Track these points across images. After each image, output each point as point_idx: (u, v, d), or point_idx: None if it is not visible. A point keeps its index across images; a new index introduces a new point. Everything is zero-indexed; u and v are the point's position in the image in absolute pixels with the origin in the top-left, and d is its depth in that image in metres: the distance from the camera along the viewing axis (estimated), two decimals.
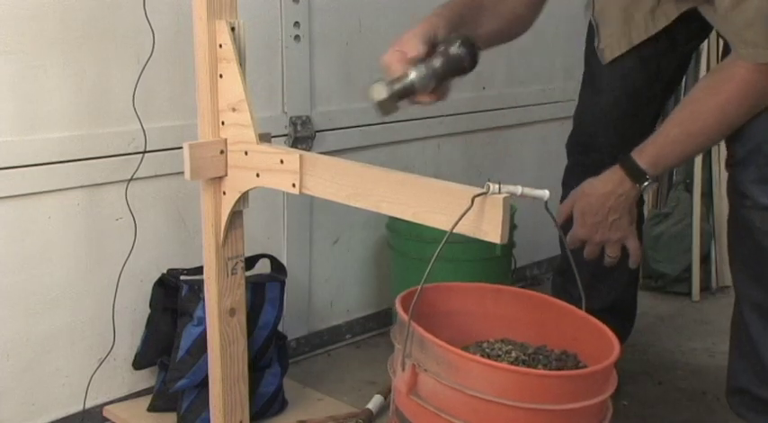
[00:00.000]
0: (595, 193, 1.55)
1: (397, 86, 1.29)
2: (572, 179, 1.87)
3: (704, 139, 1.51)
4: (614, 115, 1.79)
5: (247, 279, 1.58)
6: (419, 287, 1.23)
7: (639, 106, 1.80)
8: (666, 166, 1.56)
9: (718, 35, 1.64)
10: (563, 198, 1.83)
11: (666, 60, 1.75)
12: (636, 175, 1.52)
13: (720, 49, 2.54)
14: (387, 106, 1.31)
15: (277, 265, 1.85)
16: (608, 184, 1.54)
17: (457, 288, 1.48)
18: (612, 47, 1.72)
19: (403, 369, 1.24)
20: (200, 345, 1.63)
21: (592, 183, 1.57)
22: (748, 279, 1.53)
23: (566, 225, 1.63)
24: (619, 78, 1.75)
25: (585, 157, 1.84)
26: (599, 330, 1.34)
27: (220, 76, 1.41)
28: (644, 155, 1.51)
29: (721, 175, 2.68)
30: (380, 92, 1.29)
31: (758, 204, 1.47)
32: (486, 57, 1.84)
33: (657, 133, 1.52)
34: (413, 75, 1.29)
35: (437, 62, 1.30)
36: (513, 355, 1.35)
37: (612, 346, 1.28)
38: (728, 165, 1.55)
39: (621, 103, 1.78)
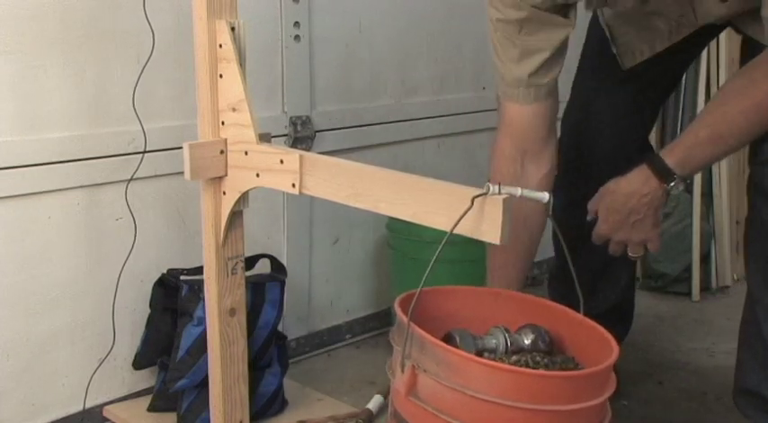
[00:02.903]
0: (620, 191, 1.52)
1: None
2: (565, 181, 1.87)
3: (735, 140, 1.47)
4: (612, 118, 1.78)
5: (247, 279, 1.58)
6: (418, 289, 1.22)
7: (637, 109, 1.79)
8: (695, 167, 1.51)
9: (737, 31, 1.62)
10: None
11: (669, 64, 1.74)
12: (663, 173, 1.48)
13: (718, 51, 2.58)
14: None
15: (277, 265, 1.85)
16: (633, 183, 1.50)
17: (455, 291, 1.48)
18: (634, 53, 1.70)
19: (402, 370, 1.24)
20: (200, 345, 1.63)
21: (618, 181, 1.54)
22: (765, 281, 1.51)
23: (594, 222, 1.61)
24: (620, 81, 1.74)
25: (580, 160, 1.83)
26: (597, 333, 1.34)
27: (220, 76, 1.41)
28: (672, 154, 1.47)
29: (722, 175, 2.68)
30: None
31: None
32: (484, 57, 1.86)
33: (687, 133, 1.48)
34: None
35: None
36: (513, 358, 1.35)
37: (611, 348, 1.27)
38: (752, 163, 1.53)
39: (620, 105, 1.77)
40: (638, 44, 1.69)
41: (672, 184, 1.48)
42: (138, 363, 1.83)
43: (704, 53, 2.56)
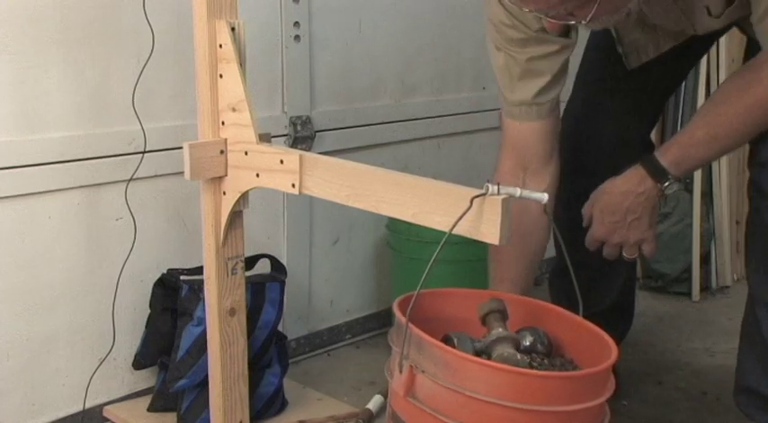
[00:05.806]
0: (615, 191, 1.52)
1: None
2: (566, 177, 1.86)
3: (730, 141, 1.48)
4: (618, 113, 1.78)
5: (247, 279, 1.58)
6: (416, 291, 1.22)
7: (640, 107, 1.79)
8: (690, 166, 1.53)
9: (742, 31, 1.62)
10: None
11: (674, 65, 1.74)
12: (657, 173, 1.48)
13: (718, 51, 2.58)
14: None
15: (277, 265, 1.85)
16: (627, 182, 1.51)
17: (454, 294, 1.47)
18: (639, 53, 1.69)
19: (400, 371, 1.24)
20: (201, 345, 1.63)
21: (613, 181, 1.54)
22: (765, 281, 1.51)
23: (588, 227, 1.60)
24: (623, 78, 1.74)
25: (581, 156, 1.83)
26: (596, 335, 1.34)
27: (220, 76, 1.41)
28: (667, 154, 1.48)
29: (722, 175, 2.68)
30: None
31: None
32: (484, 57, 1.85)
33: (682, 133, 1.49)
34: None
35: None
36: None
37: (610, 350, 1.27)
38: (751, 165, 1.53)
39: (622, 103, 1.77)
40: (643, 44, 1.68)
41: (667, 183, 1.50)
42: (138, 363, 1.83)
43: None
